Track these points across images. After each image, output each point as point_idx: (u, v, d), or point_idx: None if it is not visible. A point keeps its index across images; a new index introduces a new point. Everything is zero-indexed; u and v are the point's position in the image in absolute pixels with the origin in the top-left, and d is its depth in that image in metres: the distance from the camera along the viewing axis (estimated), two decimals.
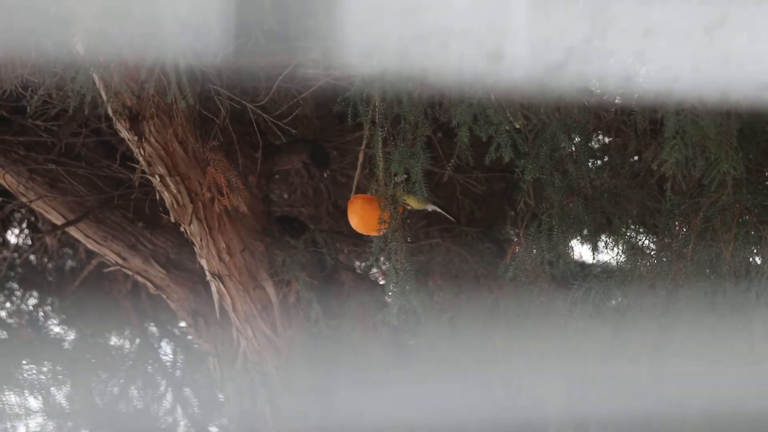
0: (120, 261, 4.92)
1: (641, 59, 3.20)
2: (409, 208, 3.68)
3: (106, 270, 5.30)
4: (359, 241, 5.47)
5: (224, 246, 4.40)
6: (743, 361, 3.68)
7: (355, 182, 3.78)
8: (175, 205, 4.34)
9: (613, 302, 3.87)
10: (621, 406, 4.27)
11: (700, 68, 3.15)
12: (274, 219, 4.62)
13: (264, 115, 4.17)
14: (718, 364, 3.73)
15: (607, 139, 4.28)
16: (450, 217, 3.93)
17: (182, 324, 5.86)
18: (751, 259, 3.50)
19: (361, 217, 3.68)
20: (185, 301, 4.92)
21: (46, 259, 6.18)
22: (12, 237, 6.08)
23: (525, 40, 3.18)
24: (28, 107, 4.41)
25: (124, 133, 4.24)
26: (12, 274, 6.16)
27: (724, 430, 4.29)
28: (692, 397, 4.02)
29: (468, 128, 3.33)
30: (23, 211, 5.89)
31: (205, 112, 4.19)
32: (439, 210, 3.79)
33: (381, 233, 3.60)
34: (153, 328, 6.21)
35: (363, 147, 3.65)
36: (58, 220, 4.88)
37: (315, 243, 4.60)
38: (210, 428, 6.11)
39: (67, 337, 6.18)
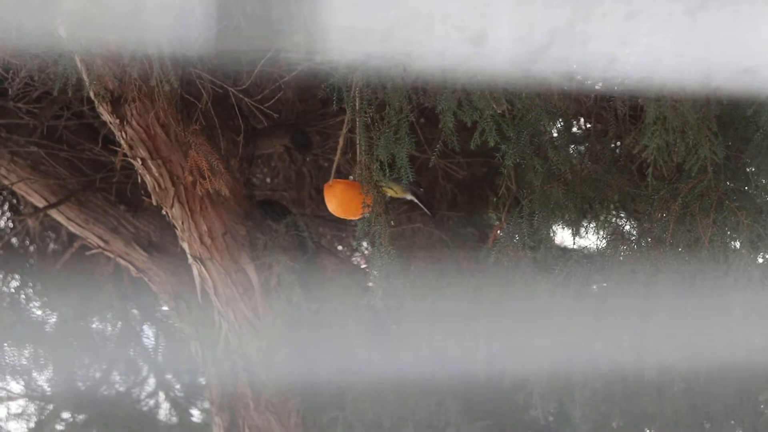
0: (102, 244, 4.92)
1: (623, 43, 3.21)
2: (388, 195, 3.68)
3: (88, 253, 5.29)
4: (341, 225, 5.48)
5: (206, 229, 4.40)
6: (722, 344, 3.71)
7: (334, 166, 3.77)
8: (157, 189, 4.34)
9: (594, 286, 3.89)
10: (602, 387, 4.30)
11: (682, 52, 3.17)
12: (255, 203, 4.61)
13: (246, 99, 4.17)
14: (698, 347, 3.75)
15: (587, 125, 4.29)
16: (426, 210, 3.95)
17: (164, 307, 5.85)
18: (729, 243, 3.53)
19: (340, 201, 3.67)
20: (167, 284, 4.92)
21: (27, 242, 6.16)
22: None
23: (508, 24, 3.18)
24: (10, 89, 4.40)
25: (106, 116, 4.22)
26: None
27: (705, 410, 4.33)
28: (673, 379, 4.06)
29: (452, 113, 3.33)
30: (5, 193, 5.87)
31: (187, 96, 4.18)
32: (416, 201, 3.79)
33: (361, 217, 3.60)
34: (135, 312, 6.20)
35: (344, 131, 3.64)
36: (40, 203, 4.87)
37: (297, 227, 4.60)
38: (191, 411, 6.12)
39: (48, 320, 6.16)
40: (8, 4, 3.49)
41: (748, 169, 3.58)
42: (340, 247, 6.05)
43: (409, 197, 3.76)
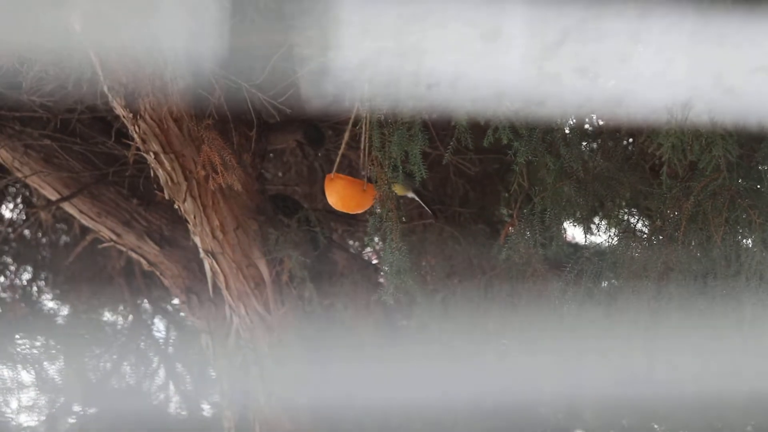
0: (114, 237, 4.93)
1: (636, 41, 3.20)
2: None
3: (100, 246, 5.30)
4: (353, 220, 5.47)
5: (218, 224, 4.41)
6: (734, 344, 3.70)
7: (338, 160, 3.78)
8: (170, 183, 4.35)
9: (606, 284, 3.89)
10: (612, 387, 4.29)
11: (694, 50, 3.16)
12: (267, 197, 4.62)
13: (259, 94, 4.17)
14: (709, 346, 3.75)
15: (599, 122, 4.29)
16: (428, 209, 3.97)
17: (175, 301, 5.87)
18: (741, 242, 3.52)
19: (341, 196, 3.70)
20: (179, 278, 4.93)
21: (40, 234, 6.18)
22: (6, 212, 6.08)
23: (520, 21, 3.18)
24: (24, 82, 4.41)
25: (120, 110, 4.23)
26: (6, 248, 6.17)
27: (715, 411, 4.32)
28: (683, 378, 4.05)
29: (465, 111, 3.33)
30: (18, 185, 5.89)
31: (201, 91, 4.19)
32: (417, 199, 3.81)
33: (365, 211, 3.63)
34: (146, 305, 6.22)
35: (349, 126, 3.64)
36: (53, 196, 4.89)
37: (308, 222, 4.61)
38: (202, 405, 6.13)
39: (60, 313, 6.20)
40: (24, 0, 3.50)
41: (760, 168, 3.57)
42: (351, 242, 6.06)
43: (410, 195, 3.78)
